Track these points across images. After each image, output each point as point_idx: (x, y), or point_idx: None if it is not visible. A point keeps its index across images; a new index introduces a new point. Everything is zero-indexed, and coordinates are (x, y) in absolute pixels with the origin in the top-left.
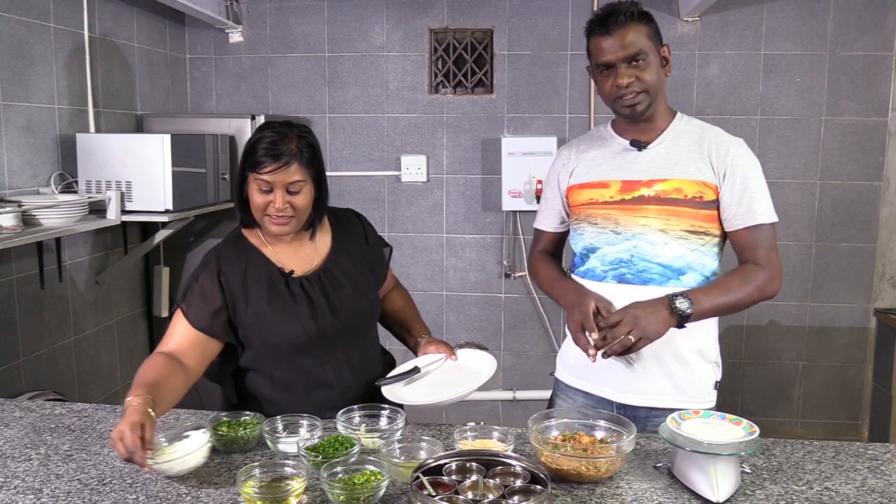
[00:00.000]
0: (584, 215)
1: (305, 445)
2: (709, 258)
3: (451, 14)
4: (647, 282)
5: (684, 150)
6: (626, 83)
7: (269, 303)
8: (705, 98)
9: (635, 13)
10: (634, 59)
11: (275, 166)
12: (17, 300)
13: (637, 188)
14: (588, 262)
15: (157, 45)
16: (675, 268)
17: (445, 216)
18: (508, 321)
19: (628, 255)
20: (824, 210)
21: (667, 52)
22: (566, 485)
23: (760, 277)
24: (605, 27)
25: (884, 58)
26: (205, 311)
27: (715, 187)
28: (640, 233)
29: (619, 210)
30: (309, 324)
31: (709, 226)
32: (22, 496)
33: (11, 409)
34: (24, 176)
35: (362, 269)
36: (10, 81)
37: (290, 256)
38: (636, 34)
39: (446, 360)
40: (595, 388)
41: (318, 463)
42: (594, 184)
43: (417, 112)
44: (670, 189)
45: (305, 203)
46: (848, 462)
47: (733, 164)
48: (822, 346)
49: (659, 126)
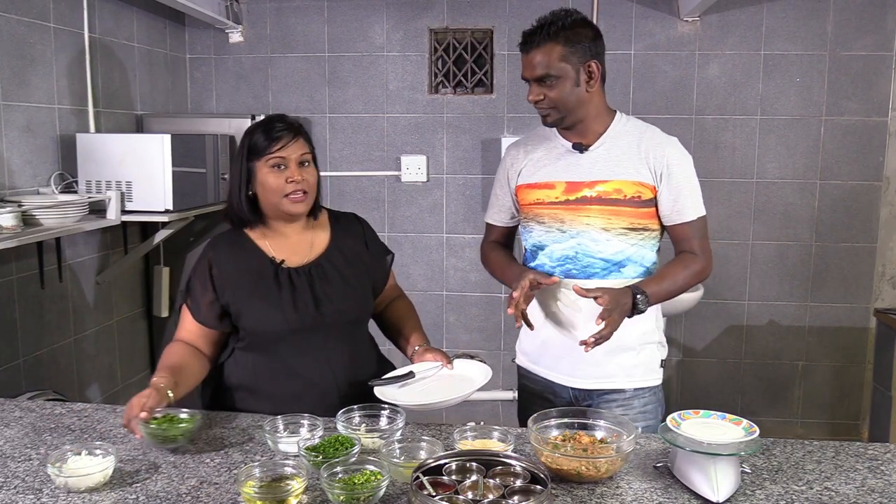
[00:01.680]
0: (533, 214)
1: (306, 445)
2: (647, 250)
3: (451, 14)
4: (591, 275)
5: (623, 152)
6: (534, 100)
7: (254, 289)
8: (705, 98)
9: (555, 31)
10: (542, 80)
11: (283, 142)
12: (17, 300)
13: (580, 189)
14: (537, 258)
15: (157, 45)
16: (615, 261)
17: (445, 216)
18: (508, 321)
19: (573, 251)
20: (824, 210)
21: (594, 67)
22: (566, 485)
23: (698, 265)
24: (523, 45)
25: (884, 58)
26: (201, 304)
27: (653, 187)
28: (584, 231)
29: (563, 210)
30: (290, 312)
31: (647, 222)
32: (22, 496)
33: (11, 409)
34: (24, 176)
35: (356, 270)
36: (10, 81)
37: (285, 250)
38: (547, 56)
39: (442, 368)
40: (550, 375)
41: (318, 463)
42: (541, 185)
43: (417, 112)
44: (611, 190)
45: (314, 179)
46: (848, 462)
47: (669, 165)
48: (822, 346)
49: (596, 129)
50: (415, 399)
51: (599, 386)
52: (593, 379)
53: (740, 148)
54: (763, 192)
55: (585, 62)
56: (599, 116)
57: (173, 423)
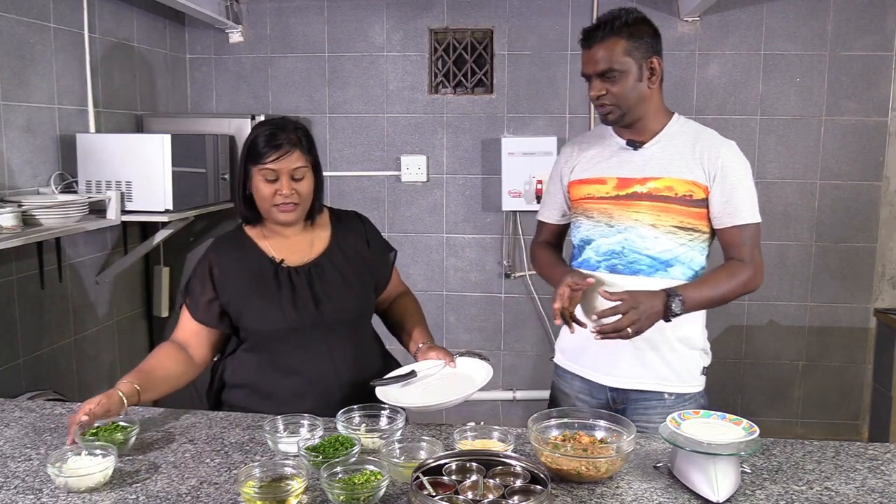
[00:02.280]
0: (582, 209)
1: (306, 445)
2: (696, 252)
3: (451, 14)
4: (637, 272)
5: (678, 151)
6: (595, 95)
7: (254, 289)
8: (705, 98)
9: (617, 27)
10: (605, 75)
11: (278, 154)
12: (17, 300)
13: (631, 185)
14: (584, 253)
15: (157, 45)
16: (663, 260)
17: (445, 216)
18: (508, 321)
19: (620, 246)
20: (824, 210)
21: (656, 63)
22: (566, 485)
23: (745, 274)
24: (585, 41)
25: (884, 58)
26: (200, 302)
27: (705, 187)
28: (632, 226)
29: (613, 205)
30: (290, 311)
31: (697, 223)
32: (22, 496)
33: (11, 409)
34: (24, 176)
35: (357, 269)
36: (10, 81)
37: (286, 249)
38: (610, 50)
39: (445, 366)
40: (589, 374)
41: (318, 463)
42: (592, 180)
43: (417, 112)
44: (662, 187)
45: (308, 189)
46: (848, 462)
47: (724, 167)
48: (822, 346)
49: (653, 128)
50: (416, 400)
51: (638, 386)
52: (634, 379)
53: (740, 148)
54: (763, 192)
55: (648, 58)
56: (657, 115)
57: (109, 434)
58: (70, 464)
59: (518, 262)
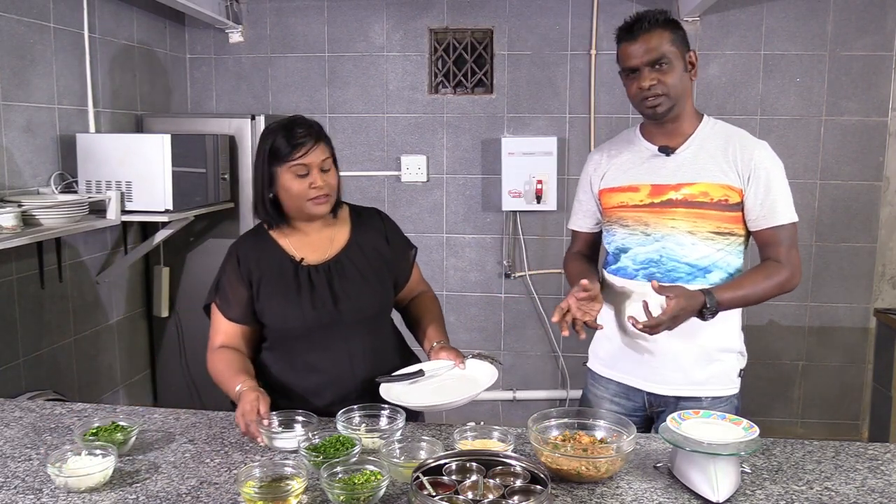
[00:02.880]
0: (616, 217)
1: (306, 445)
2: (733, 256)
3: (451, 14)
4: (676, 280)
5: (710, 155)
6: (647, 86)
7: (274, 287)
8: (705, 98)
9: (660, 20)
10: (657, 63)
11: (305, 149)
12: (17, 300)
13: (665, 192)
14: (620, 260)
15: (157, 45)
16: (701, 266)
17: (445, 216)
18: (508, 321)
19: (658, 255)
20: (824, 210)
21: (693, 57)
22: (566, 485)
23: (783, 274)
24: (631, 33)
25: (884, 58)
26: (234, 301)
27: (740, 191)
28: (669, 234)
29: (648, 213)
30: (308, 309)
31: (733, 227)
32: (22, 496)
33: (11, 409)
34: (24, 176)
35: (376, 266)
36: (10, 81)
37: (306, 247)
38: (659, 40)
39: (453, 367)
40: (626, 378)
41: (318, 463)
42: (625, 188)
43: (417, 112)
44: (697, 193)
45: (336, 180)
46: (848, 462)
47: (757, 168)
48: (822, 346)
49: (685, 130)
50: (417, 400)
51: (677, 393)
52: (672, 385)
53: None
54: None
55: (688, 50)
56: (691, 115)
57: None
58: (70, 464)
59: (518, 262)
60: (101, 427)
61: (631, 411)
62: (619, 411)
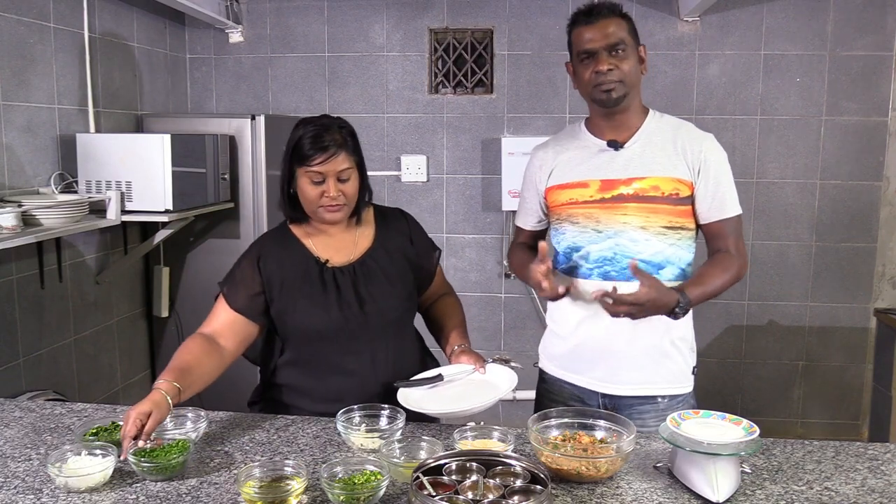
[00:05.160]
0: (566, 215)
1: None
2: (684, 251)
3: (451, 14)
4: (630, 278)
5: (659, 149)
6: (605, 69)
7: (299, 288)
8: (705, 98)
9: (617, 10)
10: (615, 48)
11: (324, 157)
12: (17, 300)
13: (616, 187)
14: (571, 260)
15: (157, 45)
16: (654, 262)
17: (445, 216)
18: (508, 321)
19: (611, 252)
20: (824, 210)
21: (643, 52)
22: (566, 485)
23: (736, 266)
24: (589, 17)
25: (884, 58)
26: (243, 294)
27: (690, 184)
28: (622, 230)
29: (599, 209)
30: (334, 312)
31: (684, 220)
32: (22, 496)
33: (11, 409)
34: (24, 176)
35: (401, 267)
36: (10, 81)
37: (330, 248)
38: (617, 26)
39: (474, 372)
40: (580, 380)
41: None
42: (574, 184)
43: (417, 112)
44: (648, 187)
45: (354, 190)
46: (848, 462)
47: (706, 161)
48: (822, 346)
49: (633, 124)
50: (435, 406)
51: (634, 392)
52: (629, 385)
53: (740, 148)
54: (763, 192)
55: (640, 45)
56: (638, 109)
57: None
58: (70, 464)
59: None
60: (101, 427)
61: None
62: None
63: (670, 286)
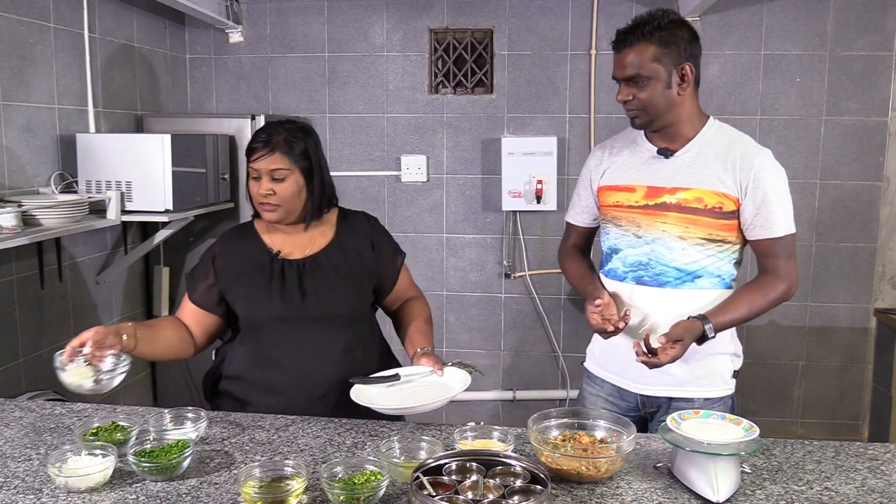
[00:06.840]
0: (611, 216)
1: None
2: (725, 263)
3: (451, 14)
4: (664, 284)
5: (710, 161)
6: (622, 100)
7: (248, 277)
8: (705, 98)
9: (650, 31)
10: (631, 80)
11: (259, 154)
12: (17, 300)
13: (660, 195)
14: (611, 261)
15: (157, 45)
16: (690, 272)
17: (445, 216)
18: (508, 321)
19: (647, 258)
20: (824, 210)
21: (688, 70)
22: (566, 485)
23: (779, 290)
24: (616, 44)
25: (884, 58)
26: (200, 286)
27: (736, 199)
28: (659, 237)
29: (641, 214)
30: (276, 301)
31: (727, 234)
32: (22, 496)
33: (11, 409)
34: (24, 176)
35: (356, 267)
36: (10, 81)
37: (286, 245)
38: (640, 56)
39: (431, 373)
40: (618, 380)
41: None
42: (622, 187)
43: (417, 112)
44: (691, 198)
45: (289, 192)
46: (848, 462)
47: (756, 178)
48: (822, 346)
49: (686, 134)
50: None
51: (668, 394)
52: (663, 386)
53: None
54: None
55: (679, 64)
56: (690, 121)
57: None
58: (70, 464)
59: (518, 262)
60: (101, 427)
61: (625, 411)
62: (615, 411)
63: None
